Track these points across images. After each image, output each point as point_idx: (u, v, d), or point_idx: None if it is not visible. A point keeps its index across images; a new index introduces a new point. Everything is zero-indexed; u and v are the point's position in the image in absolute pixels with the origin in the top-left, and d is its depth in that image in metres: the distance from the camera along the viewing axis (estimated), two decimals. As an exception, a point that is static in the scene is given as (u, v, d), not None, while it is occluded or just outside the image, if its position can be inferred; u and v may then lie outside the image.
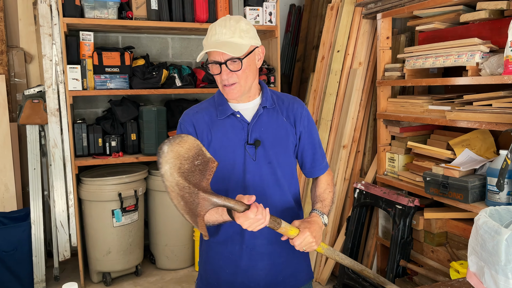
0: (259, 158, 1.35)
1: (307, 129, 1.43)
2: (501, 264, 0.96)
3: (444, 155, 2.32)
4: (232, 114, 1.35)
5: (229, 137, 1.35)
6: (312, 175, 1.48)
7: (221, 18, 1.32)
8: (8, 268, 2.79)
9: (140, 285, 3.02)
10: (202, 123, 1.37)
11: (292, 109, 1.41)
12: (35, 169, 2.95)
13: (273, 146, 1.37)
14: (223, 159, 1.33)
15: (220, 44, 1.25)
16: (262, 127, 1.36)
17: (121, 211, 2.94)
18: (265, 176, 1.36)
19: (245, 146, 1.34)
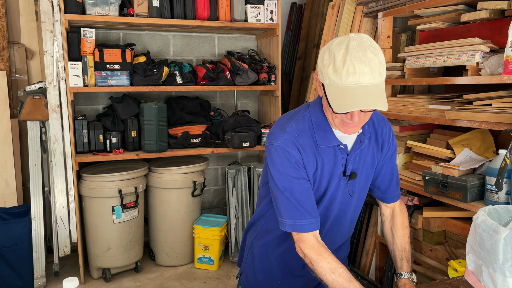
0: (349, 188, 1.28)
1: (391, 155, 1.34)
2: (499, 263, 0.97)
3: (443, 154, 2.32)
4: (337, 145, 1.22)
5: (329, 167, 1.24)
6: (382, 200, 1.41)
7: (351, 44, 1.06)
8: (8, 263, 2.80)
9: (140, 282, 3.04)
10: (308, 149, 1.20)
11: (381, 133, 1.31)
12: (36, 165, 2.96)
13: (361, 175, 1.29)
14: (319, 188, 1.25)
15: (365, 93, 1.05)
16: (357, 157, 1.27)
17: (121, 207, 2.95)
18: (348, 204, 1.32)
19: (340, 178, 1.25)
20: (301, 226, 1.17)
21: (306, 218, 1.17)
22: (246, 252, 1.44)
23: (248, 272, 1.42)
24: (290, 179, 1.17)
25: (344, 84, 1.05)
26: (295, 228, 1.18)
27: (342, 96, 1.05)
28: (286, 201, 1.18)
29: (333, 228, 1.31)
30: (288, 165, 1.18)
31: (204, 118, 3.39)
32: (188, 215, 3.26)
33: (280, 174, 1.18)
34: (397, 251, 1.34)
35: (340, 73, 1.05)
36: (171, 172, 3.16)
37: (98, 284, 2.99)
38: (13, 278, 2.83)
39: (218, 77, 3.21)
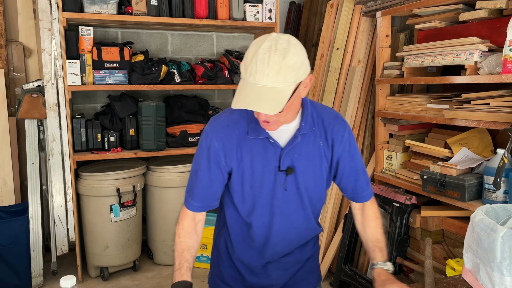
0: (289, 184, 1.27)
1: (348, 154, 1.31)
2: (497, 261, 0.97)
3: (441, 154, 2.33)
4: (266, 138, 1.24)
5: (259, 159, 1.24)
6: (353, 200, 1.40)
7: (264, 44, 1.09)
8: (6, 262, 2.80)
9: (138, 280, 3.03)
10: (233, 139, 1.24)
11: (331, 132, 1.28)
12: (34, 163, 2.95)
13: (304, 172, 1.27)
14: (252, 182, 1.26)
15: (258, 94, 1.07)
16: (295, 153, 1.25)
17: (119, 206, 2.95)
18: (292, 202, 1.30)
19: (276, 173, 1.25)
20: (187, 203, 1.30)
21: (194, 200, 1.28)
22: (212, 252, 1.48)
23: (212, 272, 1.44)
24: (200, 164, 1.27)
25: (247, 81, 1.10)
26: (185, 202, 1.31)
27: (240, 92, 1.10)
28: (190, 178, 1.31)
29: (284, 225, 1.30)
30: (205, 150, 1.26)
31: (202, 117, 3.38)
32: (186, 214, 3.25)
33: (197, 155, 1.29)
34: (369, 242, 1.34)
35: (246, 70, 1.10)
36: (169, 171, 3.15)
37: (96, 283, 2.98)
38: (11, 277, 2.83)
39: (217, 76, 3.20)
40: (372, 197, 1.40)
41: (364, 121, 3.02)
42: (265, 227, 1.31)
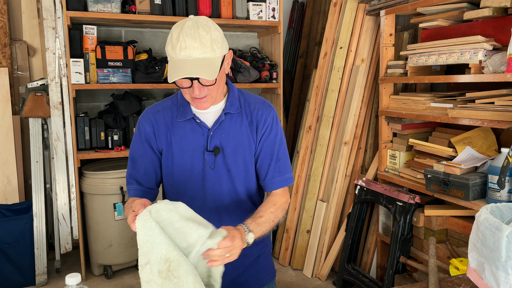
0: (218, 166, 1.30)
1: (268, 138, 1.33)
2: (502, 261, 0.96)
3: (445, 153, 2.32)
4: (192, 118, 1.30)
5: (188, 141, 1.30)
6: (266, 189, 1.37)
7: (186, 23, 1.17)
8: (10, 260, 2.81)
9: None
10: (162, 123, 1.31)
11: (256, 115, 1.33)
12: (38, 162, 2.96)
13: (234, 154, 1.31)
14: (182, 164, 1.30)
15: (193, 64, 1.14)
16: (223, 134, 1.30)
17: (122, 204, 2.95)
18: (223, 184, 1.32)
19: (203, 153, 1.30)
20: (129, 191, 1.35)
21: (135, 184, 1.33)
22: None
23: None
24: (135, 149, 1.34)
25: (177, 58, 1.15)
26: (128, 193, 1.37)
27: (174, 68, 1.15)
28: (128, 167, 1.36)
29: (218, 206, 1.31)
30: (138, 136, 1.34)
31: (205, 116, 3.38)
32: (190, 212, 3.25)
33: (132, 143, 1.36)
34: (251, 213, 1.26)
35: (175, 49, 1.15)
36: (172, 169, 3.16)
37: (99, 281, 2.99)
38: (15, 275, 2.84)
39: (220, 75, 3.20)
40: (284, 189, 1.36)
41: (368, 120, 3.02)
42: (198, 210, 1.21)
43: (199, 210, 1.25)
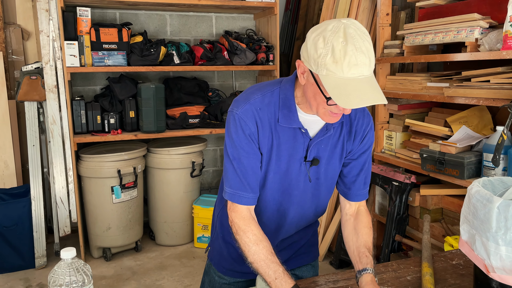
0: (311, 173, 1.23)
1: (364, 149, 1.27)
2: (492, 231, 0.97)
3: (441, 132, 2.33)
4: (298, 128, 1.18)
5: (287, 148, 1.19)
6: (345, 196, 1.32)
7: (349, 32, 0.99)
8: (9, 243, 2.83)
9: (140, 260, 3.07)
10: (267, 124, 1.16)
11: (357, 124, 1.23)
12: (34, 145, 2.96)
13: (327, 163, 1.24)
14: (276, 170, 1.21)
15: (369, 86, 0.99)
16: (322, 144, 1.21)
17: (120, 187, 2.97)
18: (309, 192, 1.27)
19: (301, 163, 1.21)
20: (239, 197, 1.17)
21: (246, 191, 1.17)
22: (213, 226, 1.44)
23: (215, 246, 1.41)
24: (240, 150, 1.16)
25: (345, 76, 0.98)
26: (233, 198, 1.17)
27: (346, 90, 0.98)
28: (232, 170, 1.17)
29: (299, 213, 1.29)
30: (242, 135, 1.15)
31: (202, 99, 3.38)
32: (187, 195, 3.27)
33: (233, 142, 1.16)
34: (361, 247, 1.23)
35: (342, 64, 0.97)
36: (169, 152, 3.16)
37: (98, 263, 3.02)
38: (14, 258, 2.87)
39: (216, 57, 3.19)
40: (365, 206, 1.32)
41: (364, 101, 3.01)
42: (280, 215, 1.28)
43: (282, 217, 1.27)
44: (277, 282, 1.06)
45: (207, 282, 1.43)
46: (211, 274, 1.42)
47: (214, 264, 1.41)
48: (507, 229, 0.95)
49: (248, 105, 1.16)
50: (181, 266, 2.99)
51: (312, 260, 1.47)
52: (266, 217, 1.28)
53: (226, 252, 1.37)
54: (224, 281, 1.39)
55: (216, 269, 1.40)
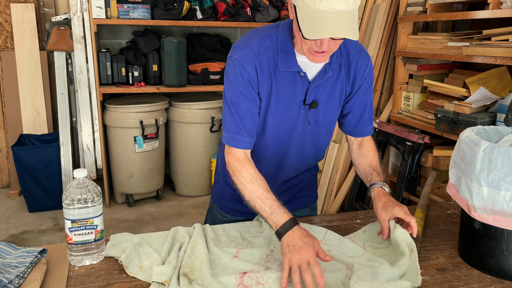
0: (310, 116, 1.24)
1: (364, 89, 1.27)
2: (476, 173, 1.01)
3: (458, 93, 2.31)
4: (297, 71, 1.18)
5: (286, 92, 1.19)
6: (351, 135, 1.35)
7: None
8: (40, 184, 3.04)
9: (160, 208, 3.24)
10: (266, 68, 1.16)
11: (355, 66, 1.23)
12: (63, 94, 3.11)
13: (326, 106, 1.24)
14: (275, 115, 1.22)
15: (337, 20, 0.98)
16: (320, 87, 1.21)
17: (142, 138, 3.10)
18: (308, 135, 1.28)
19: (300, 106, 1.22)
20: (236, 141, 1.19)
21: (242, 135, 1.18)
22: (217, 169, 1.49)
23: (218, 187, 1.46)
24: (238, 94, 1.16)
25: (317, 8, 0.98)
26: (230, 142, 1.19)
27: (314, 22, 0.99)
28: (230, 114, 1.19)
29: (298, 156, 1.32)
30: (241, 80, 1.15)
31: (223, 56, 3.42)
32: (206, 149, 3.39)
33: (231, 87, 1.17)
34: (367, 168, 1.30)
35: None
36: (190, 107, 3.26)
37: (121, 208, 3.21)
38: (45, 199, 3.09)
39: (238, 13, 3.20)
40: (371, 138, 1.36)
41: (385, 62, 2.98)
42: (279, 158, 1.32)
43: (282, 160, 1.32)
44: (273, 216, 1.08)
45: (209, 220, 1.52)
46: (214, 212, 1.50)
47: (217, 203, 1.48)
48: (490, 171, 0.99)
49: (247, 49, 1.15)
50: (198, 215, 3.14)
51: (311, 203, 1.53)
52: (266, 160, 1.32)
53: (228, 193, 1.43)
54: (225, 218, 1.46)
55: (219, 208, 1.47)
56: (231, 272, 1.03)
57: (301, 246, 0.98)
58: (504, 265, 1.03)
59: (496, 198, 0.99)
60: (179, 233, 1.19)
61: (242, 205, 1.35)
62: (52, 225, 2.92)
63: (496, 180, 0.98)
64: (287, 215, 1.07)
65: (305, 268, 0.95)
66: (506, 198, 0.98)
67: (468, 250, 1.10)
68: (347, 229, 1.29)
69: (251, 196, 1.14)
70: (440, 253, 1.16)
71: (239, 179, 1.17)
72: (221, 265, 1.07)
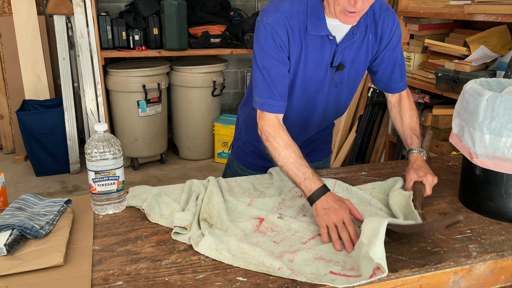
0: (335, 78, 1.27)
1: (392, 47, 1.28)
2: (479, 121, 1.06)
3: (459, 52, 2.33)
4: (326, 35, 1.18)
5: (315, 55, 1.21)
6: (386, 91, 1.40)
7: None
8: (46, 149, 3.09)
9: (165, 171, 3.31)
10: (296, 32, 1.16)
11: (382, 25, 1.23)
12: (64, 58, 3.11)
13: (351, 67, 1.27)
14: (303, 77, 1.24)
15: None
16: (347, 49, 1.23)
17: (145, 102, 3.13)
18: (332, 94, 1.31)
19: (327, 69, 1.24)
20: (269, 106, 1.19)
21: (275, 99, 1.19)
22: (239, 128, 1.53)
23: (239, 144, 1.52)
24: (270, 59, 1.17)
25: None
26: (263, 107, 1.20)
27: None
28: (262, 79, 1.19)
29: (322, 116, 1.37)
30: (272, 44, 1.16)
31: (223, 19, 3.40)
32: (209, 113, 3.42)
33: (263, 51, 1.17)
34: (406, 130, 1.34)
35: None
36: (191, 71, 3.27)
37: (127, 172, 3.28)
38: (51, 163, 3.14)
39: (239, -26, 3.16)
40: (407, 89, 1.39)
41: (386, 22, 2.98)
42: (304, 119, 1.35)
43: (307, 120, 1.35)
44: (307, 182, 1.10)
45: (229, 174, 1.57)
46: (234, 167, 1.55)
47: (238, 159, 1.53)
48: (492, 119, 1.04)
49: (278, 13, 1.15)
50: (202, 177, 3.19)
51: (325, 157, 1.59)
52: (292, 121, 1.34)
53: (249, 150, 1.49)
54: (246, 173, 1.51)
55: (239, 163, 1.53)
56: (247, 218, 1.10)
57: (336, 208, 1.03)
58: (502, 207, 1.10)
59: (497, 144, 1.05)
60: (194, 185, 1.26)
61: (263, 160, 1.43)
62: (60, 188, 2.99)
63: (498, 127, 1.04)
64: (320, 182, 1.10)
65: (341, 226, 1.00)
66: (507, 144, 1.04)
67: (469, 195, 1.17)
68: (353, 179, 1.35)
69: (284, 161, 1.15)
70: (442, 200, 1.23)
71: (273, 144, 1.17)
72: (237, 212, 1.14)
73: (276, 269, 0.88)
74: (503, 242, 1.01)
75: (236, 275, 0.88)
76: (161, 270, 0.90)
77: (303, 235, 1.03)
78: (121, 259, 0.94)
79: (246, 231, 1.04)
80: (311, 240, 1.00)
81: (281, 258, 0.93)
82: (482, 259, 0.95)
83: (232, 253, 0.94)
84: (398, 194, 1.17)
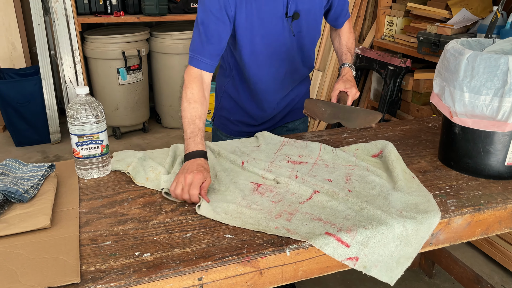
0: (293, 28, 1.29)
1: None
2: (459, 80, 1.08)
3: (440, 15, 2.34)
4: None
5: (267, 9, 1.23)
6: (335, 26, 1.48)
7: None
8: (25, 119, 3.02)
9: (148, 140, 3.29)
10: None
11: None
12: (40, 25, 3.00)
13: (307, 15, 1.30)
14: (262, 33, 1.26)
15: None
16: None
17: (125, 69, 3.06)
18: (294, 44, 1.33)
19: (283, 20, 1.26)
20: (197, 61, 1.19)
21: (205, 56, 1.19)
22: (218, 99, 1.53)
23: (222, 113, 1.51)
24: (210, 15, 1.17)
25: None
26: (192, 61, 1.20)
27: None
28: (198, 34, 1.19)
29: (290, 67, 1.39)
30: (215, 1, 1.17)
31: (204, -18, 3.31)
32: (191, 80, 3.38)
33: (204, 7, 1.18)
34: (343, 47, 1.44)
35: None
36: (172, 37, 3.20)
37: (109, 141, 3.23)
38: (31, 133, 3.08)
39: None
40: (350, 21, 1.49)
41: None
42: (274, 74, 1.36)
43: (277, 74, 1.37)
44: (190, 141, 1.10)
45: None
46: (219, 136, 1.55)
47: (222, 128, 1.53)
48: (472, 77, 1.06)
49: None
50: (185, 145, 3.21)
51: (303, 116, 1.61)
52: (264, 79, 1.37)
53: (233, 119, 1.49)
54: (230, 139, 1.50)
55: (223, 131, 1.53)
56: (245, 178, 1.11)
57: (192, 170, 1.01)
58: (479, 164, 1.14)
59: (476, 102, 1.07)
60: (179, 149, 1.26)
61: (249, 126, 1.47)
62: (41, 158, 2.95)
63: (477, 86, 1.06)
64: (201, 146, 1.09)
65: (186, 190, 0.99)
66: (486, 102, 1.06)
67: (448, 153, 1.21)
68: (336, 141, 1.37)
69: (182, 114, 1.16)
70: (422, 159, 1.26)
71: (182, 94, 1.18)
72: (234, 171, 1.15)
73: (272, 228, 0.90)
74: (480, 197, 1.05)
75: (223, 232, 0.90)
76: (149, 230, 0.91)
77: (300, 195, 1.05)
78: (108, 220, 0.95)
79: (245, 192, 1.06)
80: (309, 201, 1.03)
81: (279, 217, 0.95)
82: (459, 213, 0.99)
83: (229, 214, 0.96)
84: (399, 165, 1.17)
